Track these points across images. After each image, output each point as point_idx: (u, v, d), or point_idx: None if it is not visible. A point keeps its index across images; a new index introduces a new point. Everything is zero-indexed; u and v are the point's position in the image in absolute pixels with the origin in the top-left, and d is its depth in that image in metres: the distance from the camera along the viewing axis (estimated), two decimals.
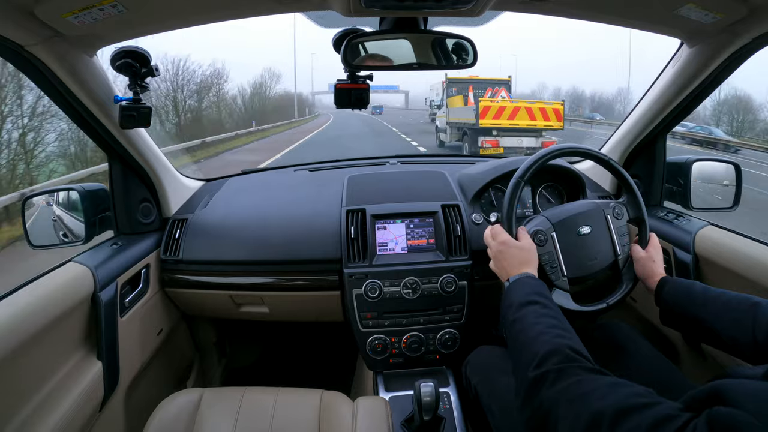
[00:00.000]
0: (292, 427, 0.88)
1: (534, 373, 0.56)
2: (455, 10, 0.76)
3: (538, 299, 0.70)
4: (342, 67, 0.90)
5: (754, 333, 0.68)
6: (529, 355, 0.59)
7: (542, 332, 0.61)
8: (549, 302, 0.70)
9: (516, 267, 0.81)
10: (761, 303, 0.70)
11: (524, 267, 0.80)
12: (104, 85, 0.91)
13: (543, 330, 0.61)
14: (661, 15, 0.83)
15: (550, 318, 0.65)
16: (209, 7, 0.79)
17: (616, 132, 1.33)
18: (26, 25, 0.69)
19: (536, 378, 0.55)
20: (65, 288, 0.86)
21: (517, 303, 0.70)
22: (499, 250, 0.85)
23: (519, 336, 0.65)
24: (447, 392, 1.11)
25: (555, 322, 0.64)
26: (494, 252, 0.86)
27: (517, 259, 0.82)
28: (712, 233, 1.02)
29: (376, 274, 1.12)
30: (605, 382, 0.52)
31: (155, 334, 1.20)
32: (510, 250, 0.83)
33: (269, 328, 1.81)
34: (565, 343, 0.58)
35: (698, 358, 1.04)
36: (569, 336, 0.60)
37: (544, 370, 0.55)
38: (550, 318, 0.65)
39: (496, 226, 0.90)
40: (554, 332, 0.61)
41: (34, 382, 0.78)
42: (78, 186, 1.10)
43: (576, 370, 0.54)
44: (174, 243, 1.20)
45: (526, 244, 0.84)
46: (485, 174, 1.29)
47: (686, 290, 0.81)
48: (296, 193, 1.38)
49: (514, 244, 0.84)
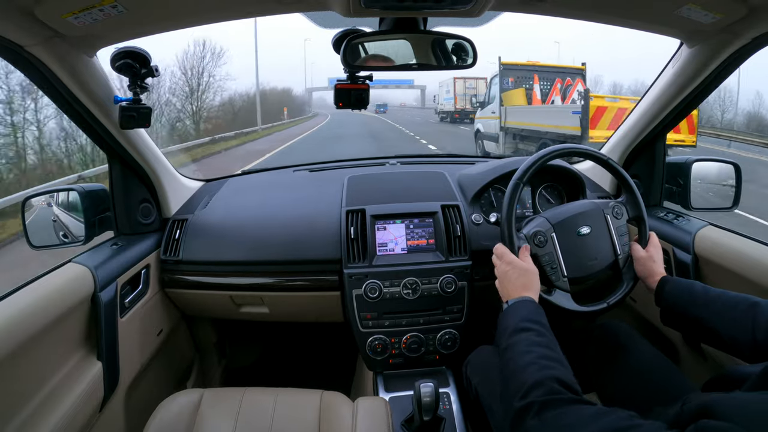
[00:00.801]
0: (292, 427, 0.88)
1: (519, 403, 0.58)
2: (455, 11, 0.76)
3: (532, 326, 0.70)
4: (339, 65, 0.90)
5: (754, 332, 0.68)
6: (516, 384, 0.61)
7: (531, 362, 0.62)
8: (543, 329, 0.70)
9: (517, 290, 0.81)
10: (761, 303, 0.71)
11: (524, 291, 0.80)
12: (104, 85, 0.91)
13: (532, 360, 0.63)
14: (661, 15, 0.83)
15: (540, 347, 0.65)
16: (209, 7, 0.79)
17: (616, 132, 1.33)
18: (26, 25, 0.69)
19: (522, 408, 0.57)
20: (65, 288, 0.86)
21: (510, 329, 0.71)
22: (503, 271, 0.85)
23: (509, 364, 0.66)
24: (447, 392, 1.11)
25: (545, 352, 0.64)
26: (499, 273, 0.86)
27: (519, 282, 0.82)
28: (711, 233, 1.02)
29: (376, 274, 1.12)
30: (588, 413, 0.53)
31: (155, 335, 1.20)
32: (513, 272, 0.83)
33: (269, 329, 1.81)
34: (552, 374, 0.59)
35: (698, 358, 1.04)
36: (557, 366, 0.61)
37: (529, 401, 0.57)
38: (540, 347, 0.65)
39: (500, 246, 0.89)
40: (542, 363, 0.62)
41: (34, 383, 0.78)
42: (78, 186, 1.10)
43: (560, 403, 0.55)
44: (174, 243, 1.20)
45: (529, 267, 0.84)
46: (485, 174, 1.29)
47: (687, 290, 0.81)
48: (296, 193, 1.38)
49: (518, 266, 0.84)
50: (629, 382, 0.88)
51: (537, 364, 0.61)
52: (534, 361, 0.62)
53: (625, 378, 0.89)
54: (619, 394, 0.90)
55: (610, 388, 0.92)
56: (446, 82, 19.96)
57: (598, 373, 0.96)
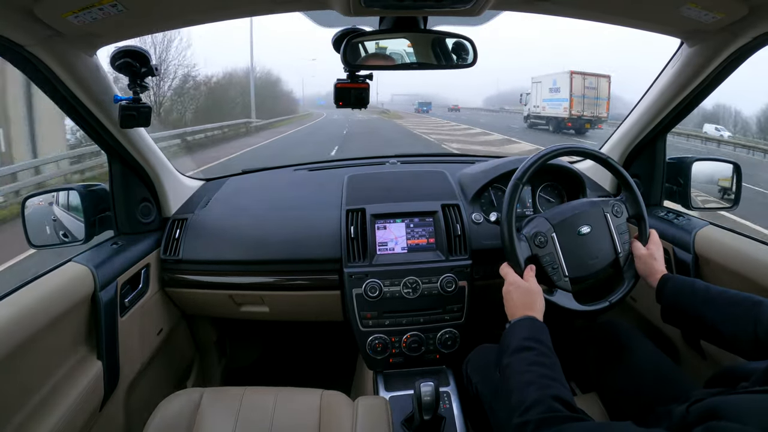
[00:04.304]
0: (292, 426, 0.88)
1: (518, 420, 0.59)
2: (455, 10, 0.76)
3: (533, 345, 0.71)
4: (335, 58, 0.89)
5: (756, 331, 0.68)
6: (516, 402, 0.62)
7: (531, 381, 0.63)
8: (543, 347, 0.71)
9: (520, 309, 0.81)
10: (764, 302, 0.71)
11: (527, 310, 0.80)
12: (104, 84, 0.91)
13: (531, 379, 0.64)
14: (661, 15, 0.83)
15: (539, 366, 0.66)
16: (208, 6, 0.79)
17: (616, 132, 1.33)
18: (26, 24, 0.69)
19: (520, 425, 0.58)
20: (65, 288, 0.86)
21: (512, 348, 0.72)
22: (507, 291, 0.85)
23: (509, 382, 0.67)
24: (447, 392, 1.11)
25: (544, 371, 0.65)
26: (504, 293, 0.86)
27: (521, 302, 0.82)
28: (712, 233, 1.02)
29: (376, 273, 1.12)
30: (585, 428, 0.54)
31: (155, 334, 1.20)
32: (516, 292, 0.84)
33: (269, 328, 1.81)
34: (550, 393, 0.60)
35: (698, 357, 1.04)
36: (555, 385, 0.62)
37: (527, 418, 0.58)
38: (539, 366, 0.66)
39: (505, 266, 0.89)
40: (542, 381, 0.63)
41: (34, 382, 0.78)
42: (78, 186, 1.10)
43: (557, 420, 0.56)
44: (174, 243, 1.20)
45: (532, 287, 0.84)
46: (485, 173, 1.29)
47: (688, 287, 0.81)
48: (296, 192, 1.38)
49: (521, 286, 0.84)
50: (630, 381, 0.88)
51: (536, 383, 0.62)
52: (533, 380, 0.63)
53: (626, 377, 0.89)
54: (620, 393, 0.90)
55: (612, 387, 0.92)
56: (549, 78, 15.03)
57: (599, 373, 0.96)
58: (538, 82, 16.47)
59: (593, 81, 13.67)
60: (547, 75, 15.84)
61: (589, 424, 0.55)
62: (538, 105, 16.72)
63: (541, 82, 16.23)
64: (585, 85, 13.92)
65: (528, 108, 18.04)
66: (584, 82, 13.95)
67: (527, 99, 18.12)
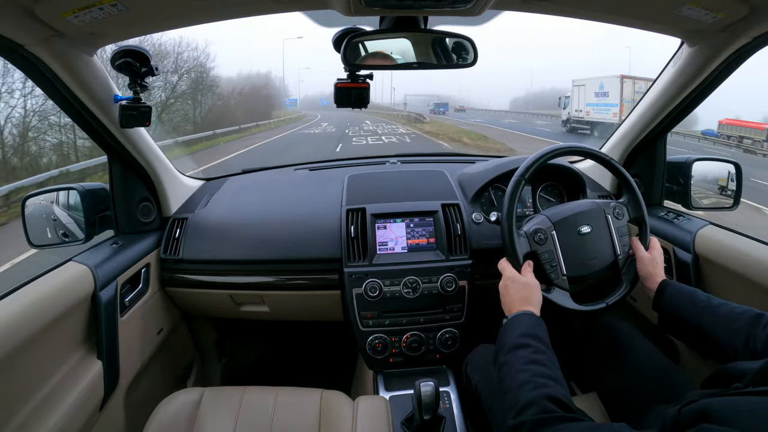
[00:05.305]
0: (292, 426, 0.88)
1: (513, 421, 0.59)
2: (455, 10, 0.76)
3: (529, 342, 0.70)
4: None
5: (755, 343, 0.68)
6: (510, 402, 0.62)
7: (526, 381, 0.63)
8: (540, 344, 0.70)
9: (517, 303, 0.81)
10: (764, 315, 0.70)
11: (525, 304, 0.80)
12: (104, 84, 0.91)
13: (527, 379, 0.63)
14: (662, 14, 0.83)
15: (536, 365, 0.66)
16: (208, 6, 0.78)
17: (617, 131, 1.33)
18: (26, 24, 0.69)
19: (515, 426, 0.58)
20: (65, 287, 0.86)
21: (508, 345, 0.71)
22: (504, 286, 0.85)
23: (505, 380, 0.67)
24: (447, 391, 1.11)
25: (540, 369, 0.65)
26: (501, 287, 0.86)
27: (519, 296, 0.82)
28: (712, 233, 1.02)
29: (376, 273, 1.12)
30: (579, 428, 0.54)
31: (155, 334, 1.20)
32: (513, 286, 0.83)
33: (269, 328, 1.81)
34: (545, 393, 0.59)
35: (698, 357, 1.04)
36: (552, 384, 0.62)
37: (521, 420, 0.58)
38: (536, 365, 0.66)
39: (503, 261, 0.89)
40: (537, 381, 0.62)
41: (34, 382, 0.78)
42: (78, 185, 1.10)
43: (551, 421, 0.56)
44: (174, 242, 1.20)
45: (530, 281, 0.84)
46: (485, 173, 1.29)
47: (688, 296, 0.80)
48: (296, 192, 1.38)
49: (518, 280, 0.84)
50: (629, 381, 0.88)
51: (531, 383, 0.62)
52: (528, 380, 0.63)
53: (625, 377, 0.89)
54: (619, 392, 0.90)
55: (611, 386, 0.92)
56: (594, 82, 13.96)
57: (599, 372, 0.96)
58: (581, 86, 15.29)
59: (643, 86, 12.48)
60: (591, 78, 14.74)
61: (583, 425, 0.55)
62: (580, 109, 15.53)
63: (585, 86, 15.04)
64: (635, 90, 13.01)
65: (568, 112, 16.78)
66: (634, 87, 12.96)
67: (566, 102, 16.92)
